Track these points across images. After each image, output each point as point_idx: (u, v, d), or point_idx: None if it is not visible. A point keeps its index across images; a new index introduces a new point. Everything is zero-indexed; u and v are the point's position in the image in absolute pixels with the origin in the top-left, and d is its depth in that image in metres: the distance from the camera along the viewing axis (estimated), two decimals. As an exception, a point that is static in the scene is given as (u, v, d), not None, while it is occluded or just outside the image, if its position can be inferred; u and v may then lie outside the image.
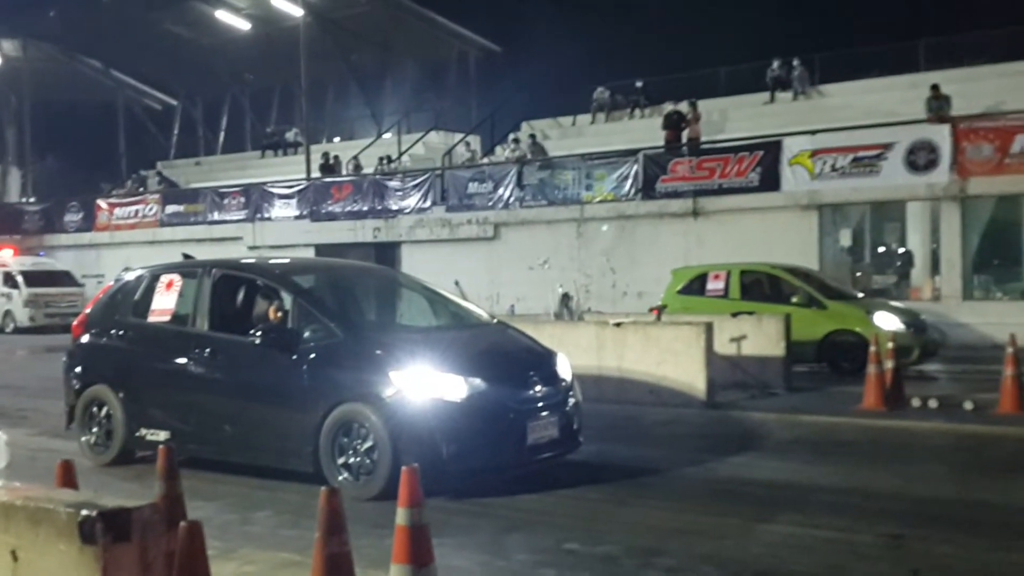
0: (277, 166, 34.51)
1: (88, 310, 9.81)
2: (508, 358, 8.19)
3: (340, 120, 40.57)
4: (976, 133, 18.51)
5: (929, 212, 20.71)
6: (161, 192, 33.04)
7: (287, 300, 8.17)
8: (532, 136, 27.67)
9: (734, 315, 13.73)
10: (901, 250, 22.02)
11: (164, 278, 9.02)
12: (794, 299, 15.02)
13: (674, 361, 11.86)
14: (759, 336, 13.16)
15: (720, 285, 15.82)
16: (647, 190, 21.97)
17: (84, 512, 3.07)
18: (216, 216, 30.07)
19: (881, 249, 22.47)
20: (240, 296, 8.73)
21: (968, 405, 11.08)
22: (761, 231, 19.91)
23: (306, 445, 7.55)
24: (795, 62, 26.86)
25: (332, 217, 27.25)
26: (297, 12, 31.90)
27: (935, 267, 20.24)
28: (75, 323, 9.83)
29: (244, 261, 10.50)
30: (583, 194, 22.92)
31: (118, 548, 3.03)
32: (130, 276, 9.68)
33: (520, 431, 7.50)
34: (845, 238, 20.85)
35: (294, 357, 7.73)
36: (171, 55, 39.28)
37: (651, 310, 14.57)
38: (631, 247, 21.96)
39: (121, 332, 9.17)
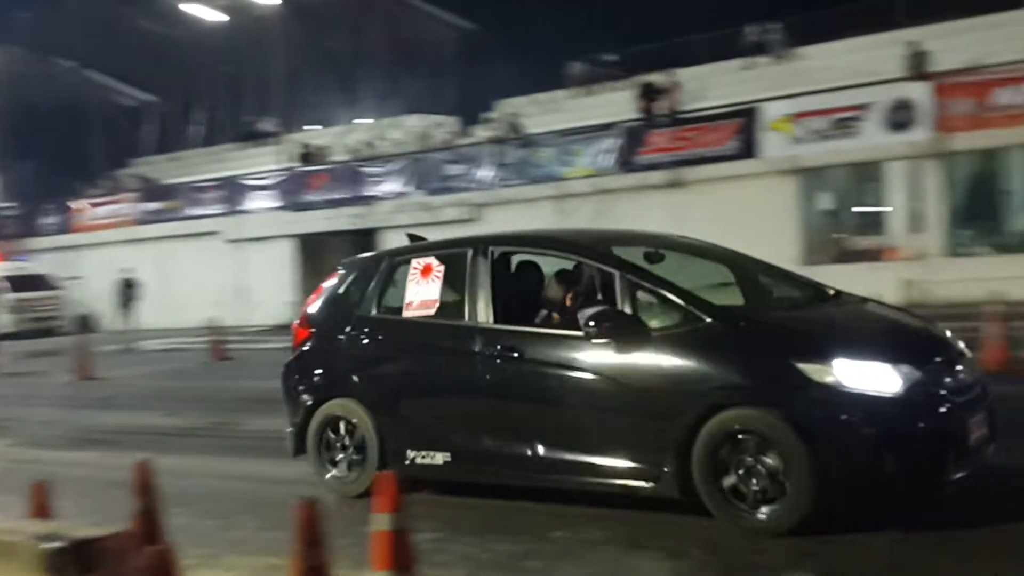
0: (255, 157, 34.29)
1: (309, 310, 7.88)
2: (910, 337, 6.35)
3: (316, 107, 40.32)
4: (957, 88, 18.40)
5: (910, 171, 20.62)
6: (136, 190, 32.82)
7: (617, 280, 6.34)
8: (510, 115, 27.50)
9: None
10: (881, 210, 21.84)
11: (417, 262, 7.17)
12: None
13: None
14: None
15: None
16: (626, 163, 21.84)
17: (52, 544, 3.00)
18: (194, 211, 29.89)
19: (861, 211, 22.30)
20: (530, 279, 7.26)
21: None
22: (742, 199, 19.81)
23: (665, 463, 5.96)
24: (772, 25, 26.71)
25: (311, 207, 27.09)
26: (270, 1, 31.62)
27: (917, 226, 20.15)
28: (295, 325, 8.02)
29: (533, 234, 8.19)
30: (562, 171, 22.77)
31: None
32: (359, 263, 7.82)
33: (961, 429, 5.76)
34: (824, 202, 20.73)
35: (639, 351, 6.09)
36: (144, 51, 39.02)
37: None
38: (613, 222, 21.55)
39: (365, 331, 7.34)
